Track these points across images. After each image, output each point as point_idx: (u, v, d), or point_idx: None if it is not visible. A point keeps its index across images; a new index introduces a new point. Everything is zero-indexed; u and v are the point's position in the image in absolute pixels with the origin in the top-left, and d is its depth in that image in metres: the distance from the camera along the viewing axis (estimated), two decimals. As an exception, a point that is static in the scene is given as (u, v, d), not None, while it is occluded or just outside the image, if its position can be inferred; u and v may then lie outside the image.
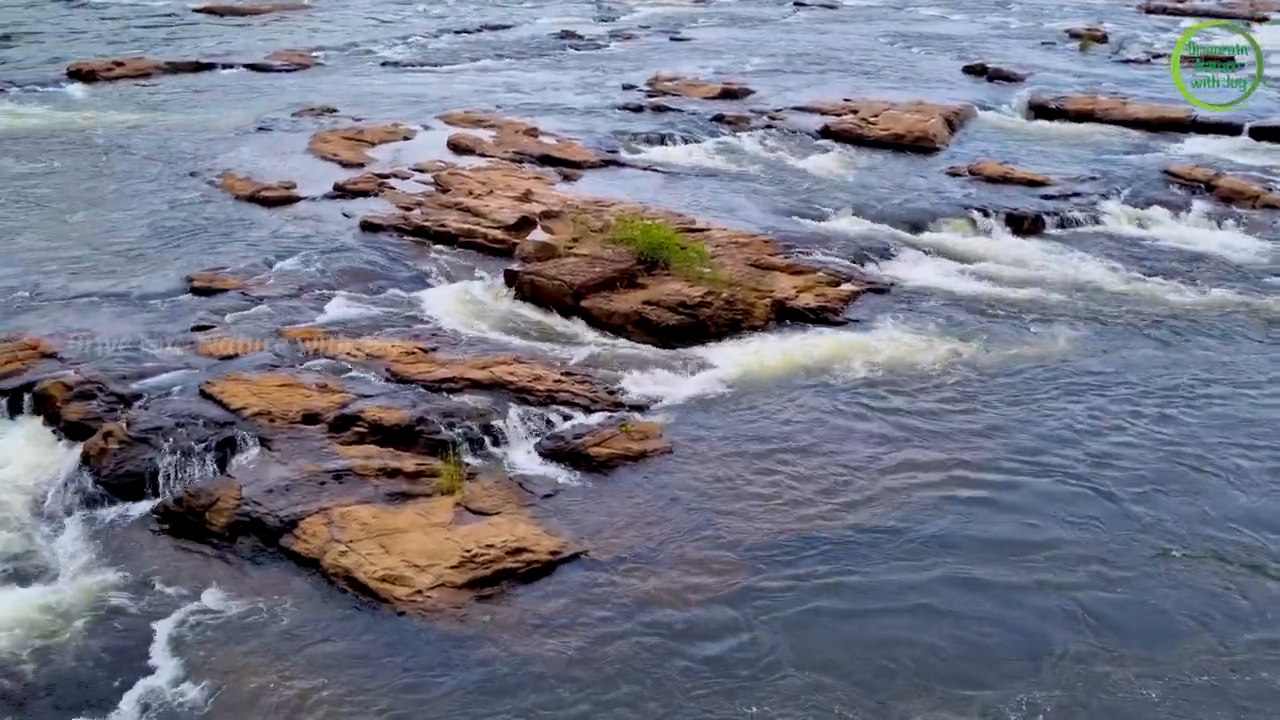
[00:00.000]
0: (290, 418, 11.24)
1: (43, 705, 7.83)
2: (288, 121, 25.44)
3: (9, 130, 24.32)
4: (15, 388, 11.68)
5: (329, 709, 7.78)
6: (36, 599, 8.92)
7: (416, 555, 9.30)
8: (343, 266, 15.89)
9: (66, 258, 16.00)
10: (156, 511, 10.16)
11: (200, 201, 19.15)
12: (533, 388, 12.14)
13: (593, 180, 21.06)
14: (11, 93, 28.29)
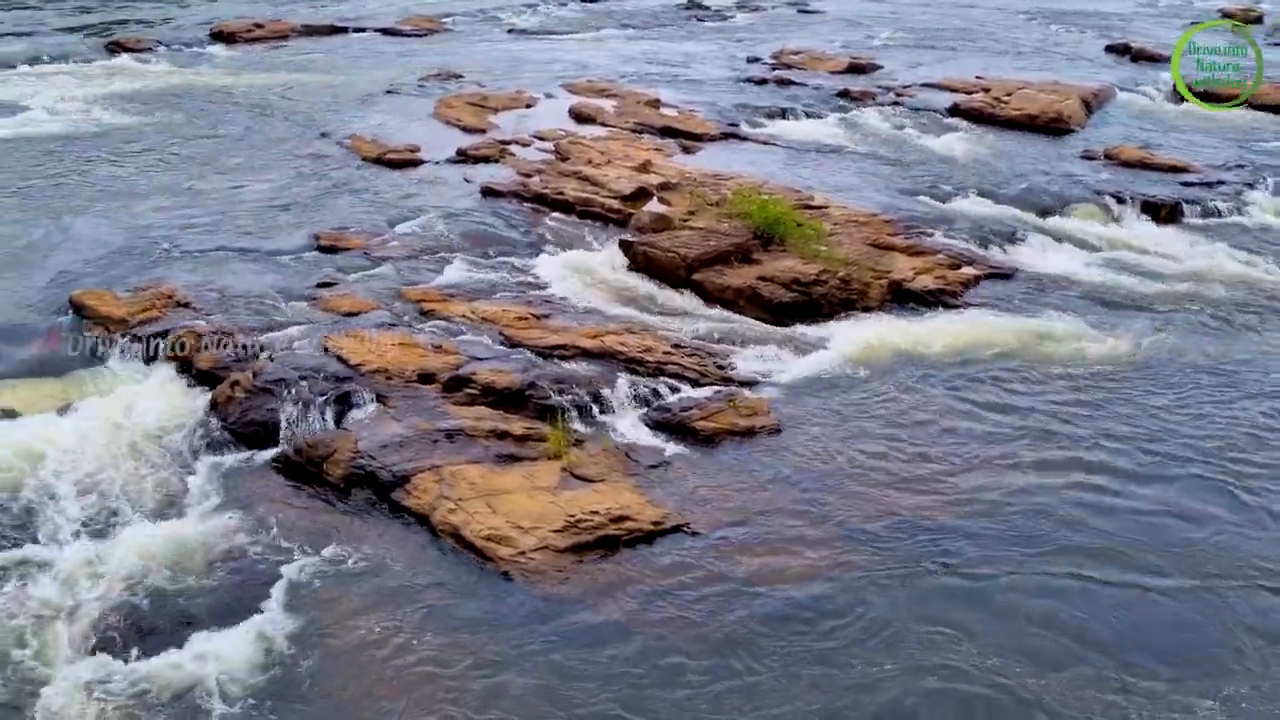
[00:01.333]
0: (406, 376, 11.53)
1: (167, 634, 8.23)
2: (415, 86, 25.95)
3: (155, 89, 25.43)
4: (152, 335, 12.24)
5: (430, 661, 7.98)
6: (167, 534, 9.38)
7: (521, 517, 9.46)
8: (462, 230, 16.16)
9: (204, 212, 16.67)
10: (277, 459, 10.57)
11: (329, 162, 19.71)
12: (642, 358, 12.18)
13: (712, 153, 20.95)
14: (159, 51, 29.58)
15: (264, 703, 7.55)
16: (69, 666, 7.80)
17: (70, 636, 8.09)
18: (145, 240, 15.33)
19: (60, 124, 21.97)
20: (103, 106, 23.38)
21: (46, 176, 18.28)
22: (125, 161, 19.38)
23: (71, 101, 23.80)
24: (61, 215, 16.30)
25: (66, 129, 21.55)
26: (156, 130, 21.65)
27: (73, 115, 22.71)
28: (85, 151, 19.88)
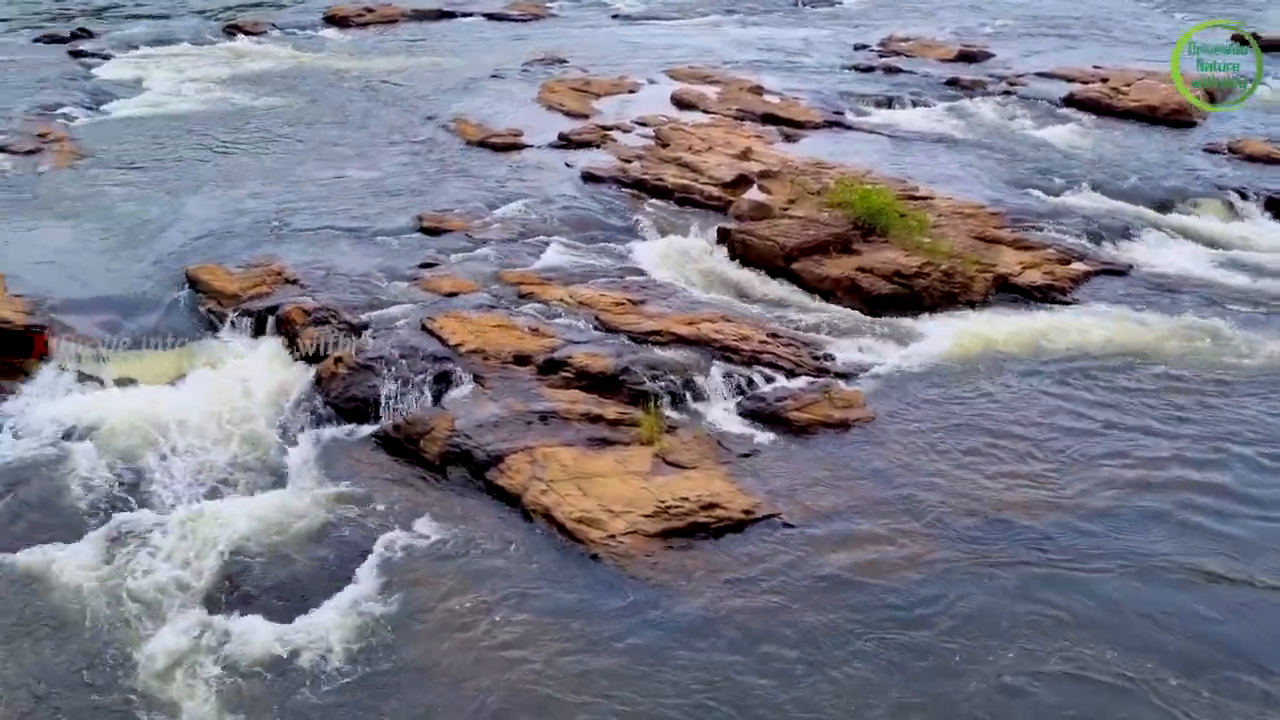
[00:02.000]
0: (502, 357, 11.65)
1: (266, 599, 8.50)
2: (519, 70, 26.18)
3: (270, 71, 26.17)
4: (261, 310, 12.61)
5: (518, 642, 8.07)
6: (269, 504, 9.67)
7: (612, 500, 9.49)
8: (561, 214, 16.26)
9: (312, 192, 17.09)
10: (376, 435, 10.80)
11: (434, 145, 20.02)
12: (737, 346, 12.09)
13: (815, 141, 20.66)
14: (274, 35, 30.43)
15: (355, 675, 7.72)
16: (173, 626, 8.10)
17: (174, 598, 8.40)
18: (257, 218, 15.78)
19: (179, 104, 22.79)
20: (219, 87, 24.16)
21: (165, 154, 18.96)
22: (239, 141, 20.00)
23: (190, 82, 24.66)
24: (179, 192, 16.90)
25: (184, 109, 22.34)
26: (269, 111, 22.29)
27: (190, 96, 23.53)
28: (201, 131, 20.58)
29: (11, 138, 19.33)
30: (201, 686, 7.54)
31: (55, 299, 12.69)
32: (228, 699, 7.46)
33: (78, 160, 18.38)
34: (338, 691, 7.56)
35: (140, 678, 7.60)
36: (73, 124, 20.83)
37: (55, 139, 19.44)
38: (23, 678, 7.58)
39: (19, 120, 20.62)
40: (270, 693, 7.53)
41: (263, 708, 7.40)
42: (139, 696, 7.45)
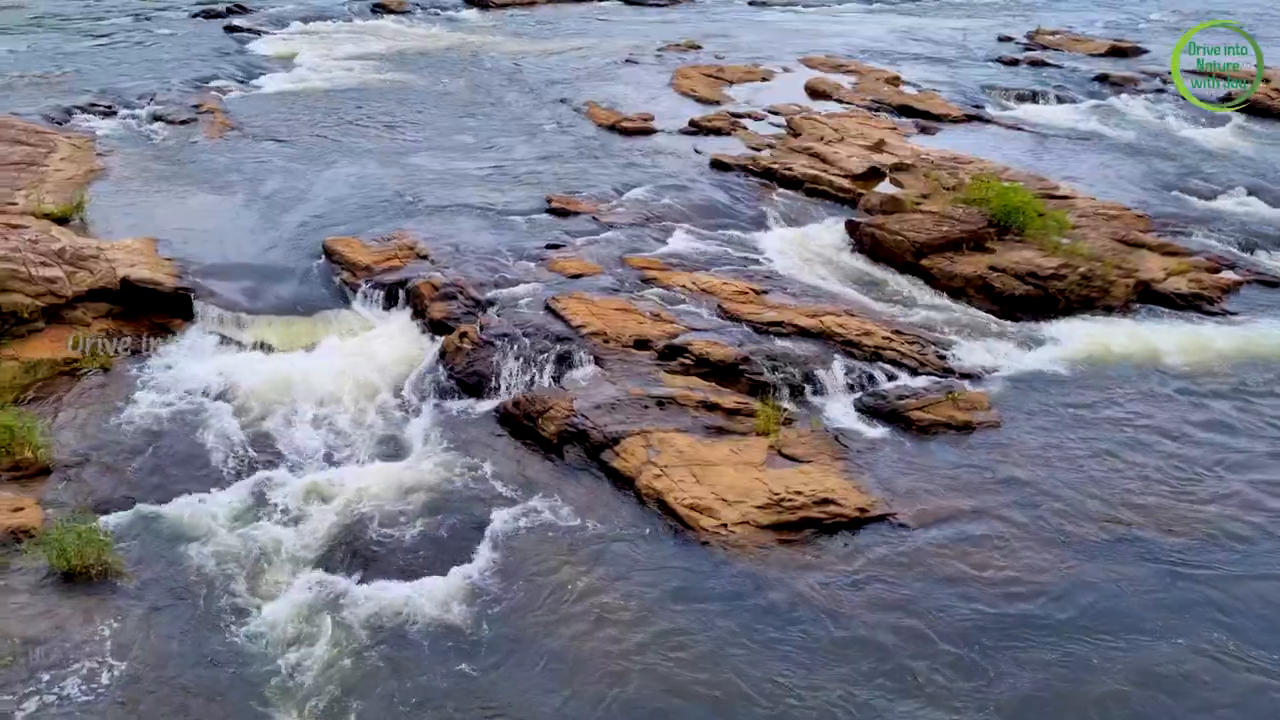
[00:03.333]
0: (623, 341, 11.72)
1: (384, 563, 8.75)
2: (653, 55, 26.24)
3: (411, 49, 26.84)
4: (392, 283, 12.96)
5: (625, 622, 8.12)
6: (391, 471, 9.96)
7: (726, 490, 9.45)
8: (688, 201, 16.24)
9: (446, 169, 17.48)
10: (496, 411, 11.00)
11: (565, 127, 20.23)
12: (860, 342, 11.89)
13: (952, 135, 20.14)
14: (417, 14, 31.17)
15: (465, 643, 7.89)
16: (294, 581, 8.42)
17: (298, 555, 8.73)
18: (392, 192, 16.22)
19: (324, 80, 23.56)
20: (363, 65, 24.90)
21: (309, 128, 19.64)
22: (379, 117, 20.57)
23: (336, 59, 25.49)
24: (320, 165, 17.49)
25: (330, 85, 23.08)
26: (409, 89, 22.86)
27: (336, 71, 24.31)
28: (344, 106, 21.24)
29: (169, 108, 20.30)
30: (319, 640, 7.82)
31: (201, 264, 13.30)
32: (341, 655, 7.71)
33: (228, 131, 19.19)
34: (446, 658, 7.74)
35: (264, 627, 7.93)
36: (225, 97, 21.75)
37: (209, 110, 20.35)
38: (160, 618, 7.99)
39: (176, 92, 21.63)
40: (382, 654, 7.76)
41: (373, 668, 7.63)
42: (262, 643, 7.77)
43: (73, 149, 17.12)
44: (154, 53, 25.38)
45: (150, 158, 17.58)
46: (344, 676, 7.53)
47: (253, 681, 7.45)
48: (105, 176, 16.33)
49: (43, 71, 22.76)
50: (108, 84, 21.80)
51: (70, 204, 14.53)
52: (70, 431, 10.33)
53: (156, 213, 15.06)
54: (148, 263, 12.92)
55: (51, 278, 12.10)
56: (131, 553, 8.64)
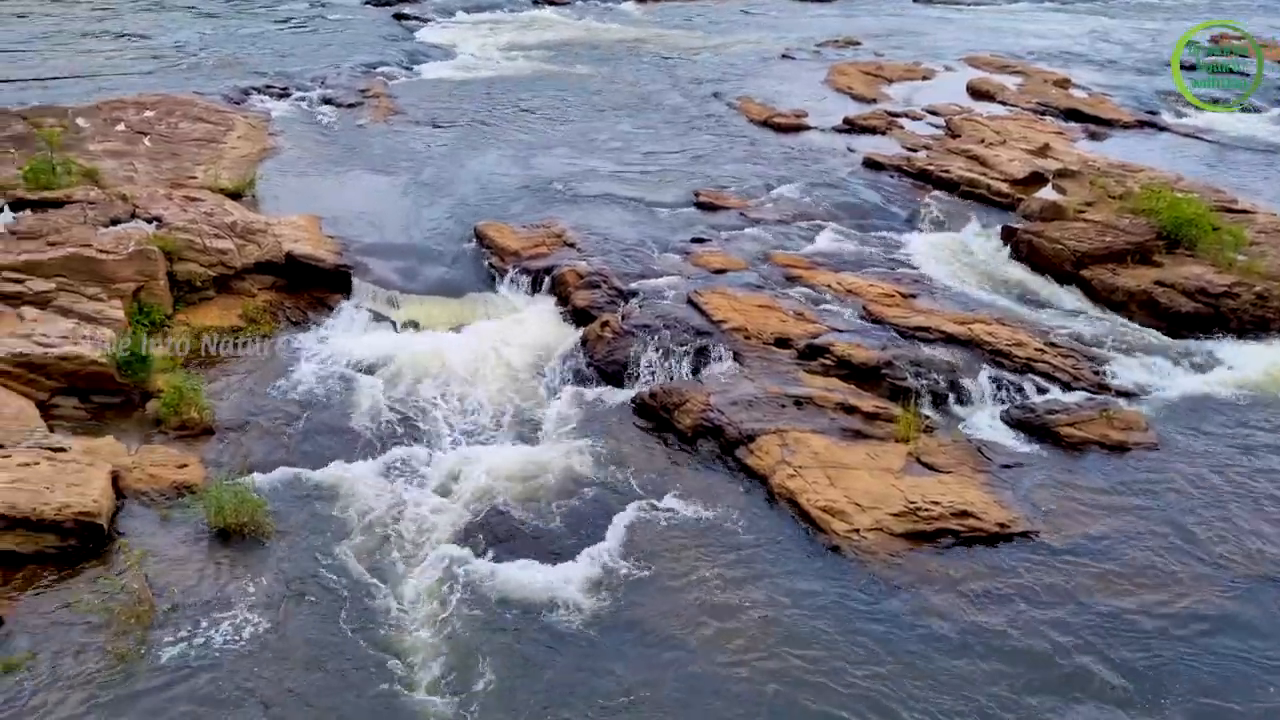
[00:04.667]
0: (764, 338, 11.62)
1: (517, 544, 8.92)
2: (810, 51, 25.92)
3: (570, 40, 27.24)
4: (539, 269, 13.18)
5: (752, 620, 8.06)
6: (527, 454, 10.15)
7: (860, 494, 9.27)
8: (838, 200, 15.98)
9: (597, 159, 17.67)
10: (633, 401, 11.06)
11: (717, 122, 20.18)
12: (1010, 352, 11.47)
13: (1123, 141, 19.23)
14: (576, 6, 31.61)
15: (590, 628, 7.97)
16: (430, 554, 8.66)
17: (436, 530, 8.98)
18: (544, 180, 16.50)
19: (486, 68, 24.15)
20: (523, 54, 25.40)
21: (468, 115, 20.15)
22: (535, 106, 20.95)
23: (497, 48, 26.10)
24: (476, 151, 17.93)
25: (490, 73, 23.64)
26: (566, 79, 23.20)
27: (497, 61, 24.89)
28: (502, 95, 21.71)
29: (338, 92, 21.15)
30: (448, 612, 8.03)
31: (360, 242, 13.81)
32: (467, 628, 7.89)
33: (392, 115, 19.87)
34: (568, 641, 7.83)
35: (398, 595, 8.19)
36: (391, 82, 22.53)
37: (375, 95, 21.11)
38: (304, 579, 8.35)
39: (345, 76, 22.52)
40: (506, 632, 7.91)
41: (498, 644, 7.78)
42: (395, 610, 8.03)
43: (248, 128, 18.02)
44: (327, 38, 26.48)
45: (318, 139, 18.35)
46: (468, 649, 7.70)
47: (382, 646, 7.71)
48: (276, 155, 17.13)
49: (225, 53, 24.04)
50: (283, 67, 22.86)
51: (243, 180, 15.30)
52: (233, 395, 10.90)
53: (321, 191, 15.71)
54: (311, 239, 13.50)
55: (223, 249, 12.77)
56: (281, 514, 9.05)
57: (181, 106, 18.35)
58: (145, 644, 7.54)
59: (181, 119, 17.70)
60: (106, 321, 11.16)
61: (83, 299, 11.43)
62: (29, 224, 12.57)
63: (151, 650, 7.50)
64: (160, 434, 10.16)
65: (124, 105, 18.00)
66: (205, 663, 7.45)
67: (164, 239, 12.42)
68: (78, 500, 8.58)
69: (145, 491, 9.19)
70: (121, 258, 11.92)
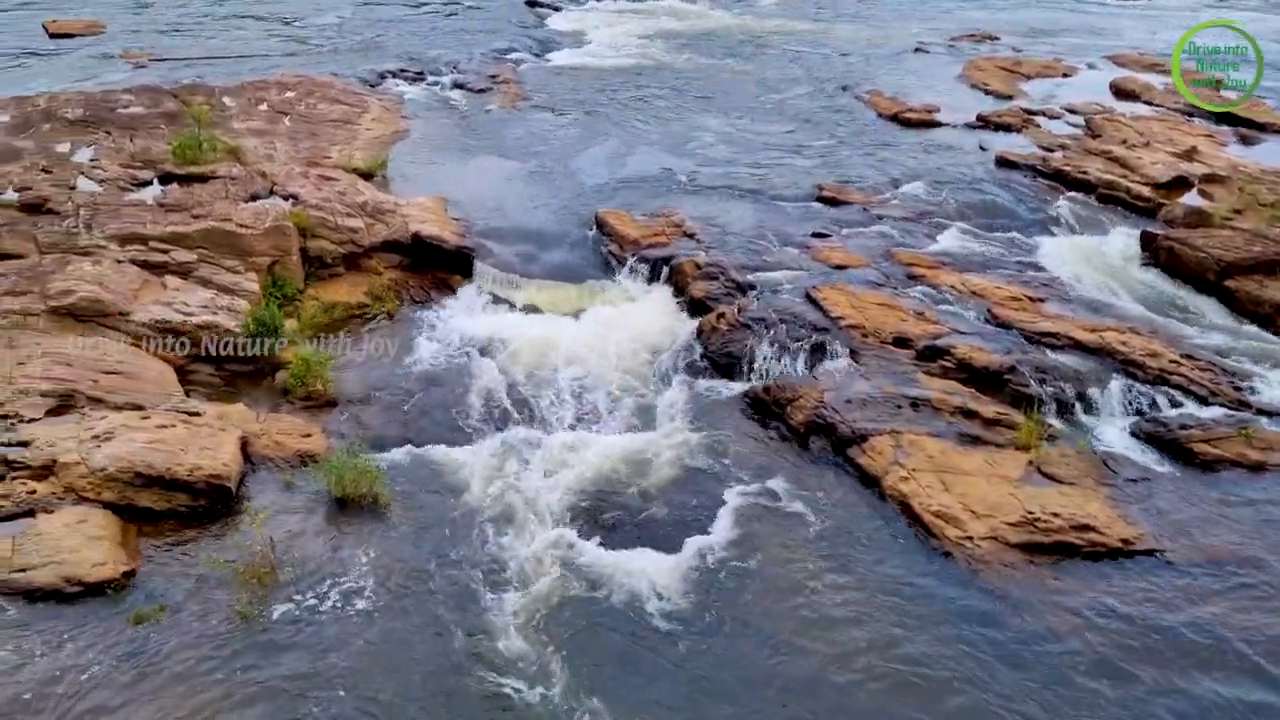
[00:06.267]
0: (882, 337, 11.40)
1: (623, 530, 8.98)
2: (945, 45, 25.28)
3: (697, 29, 27.17)
4: (657, 258, 13.20)
5: (853, 621, 7.93)
6: (638, 442, 10.19)
7: (975, 501, 9.02)
8: (966, 198, 15.55)
9: (720, 150, 17.60)
10: (745, 394, 10.99)
11: (845, 115, 19.87)
12: (1144, 363, 10.98)
13: (1277, 147, 18.16)
14: (708, -5, 31.49)
15: (685, 618, 7.95)
16: (537, 534, 8.78)
17: (544, 512, 9.10)
18: (665, 169, 16.51)
19: (613, 57, 24.28)
20: (651, 43, 25.45)
21: (594, 102, 20.30)
22: (661, 95, 20.97)
23: (627, 37, 26.20)
24: (600, 138, 18.06)
25: (618, 62, 23.76)
26: (693, 69, 23.16)
27: (625, 49, 24.99)
28: (629, 83, 21.80)
29: (468, 77, 21.56)
30: (551, 592, 8.12)
31: (483, 225, 14.07)
32: (569, 609, 7.98)
33: (520, 101, 20.16)
34: (666, 629, 7.84)
35: (505, 573, 8.33)
36: (520, 68, 22.87)
37: (504, 81, 21.46)
38: (415, 550, 8.58)
39: (477, 62, 22.94)
40: (608, 619, 7.96)
41: (599, 631, 7.84)
42: (500, 587, 8.17)
43: (382, 110, 18.52)
44: (461, 24, 27.02)
45: (447, 123, 18.75)
46: (568, 630, 7.79)
47: (486, 620, 7.85)
48: (407, 137, 17.56)
49: (364, 37, 24.76)
50: (418, 52, 23.43)
51: (375, 161, 15.75)
52: (356, 370, 11.24)
53: (448, 174, 16.05)
54: (437, 221, 13.80)
55: (354, 228, 13.17)
56: (397, 487, 9.31)
57: (321, 88, 18.98)
58: (265, 604, 7.85)
59: (320, 100, 18.31)
60: (242, 293, 11.64)
61: (221, 270, 11.94)
62: (175, 197, 13.18)
63: (270, 611, 7.80)
64: (287, 403, 10.56)
65: (267, 86, 18.72)
66: (318, 627, 7.71)
67: (299, 216, 12.87)
68: (209, 463, 8.98)
69: (271, 458, 9.56)
70: (259, 232, 12.40)
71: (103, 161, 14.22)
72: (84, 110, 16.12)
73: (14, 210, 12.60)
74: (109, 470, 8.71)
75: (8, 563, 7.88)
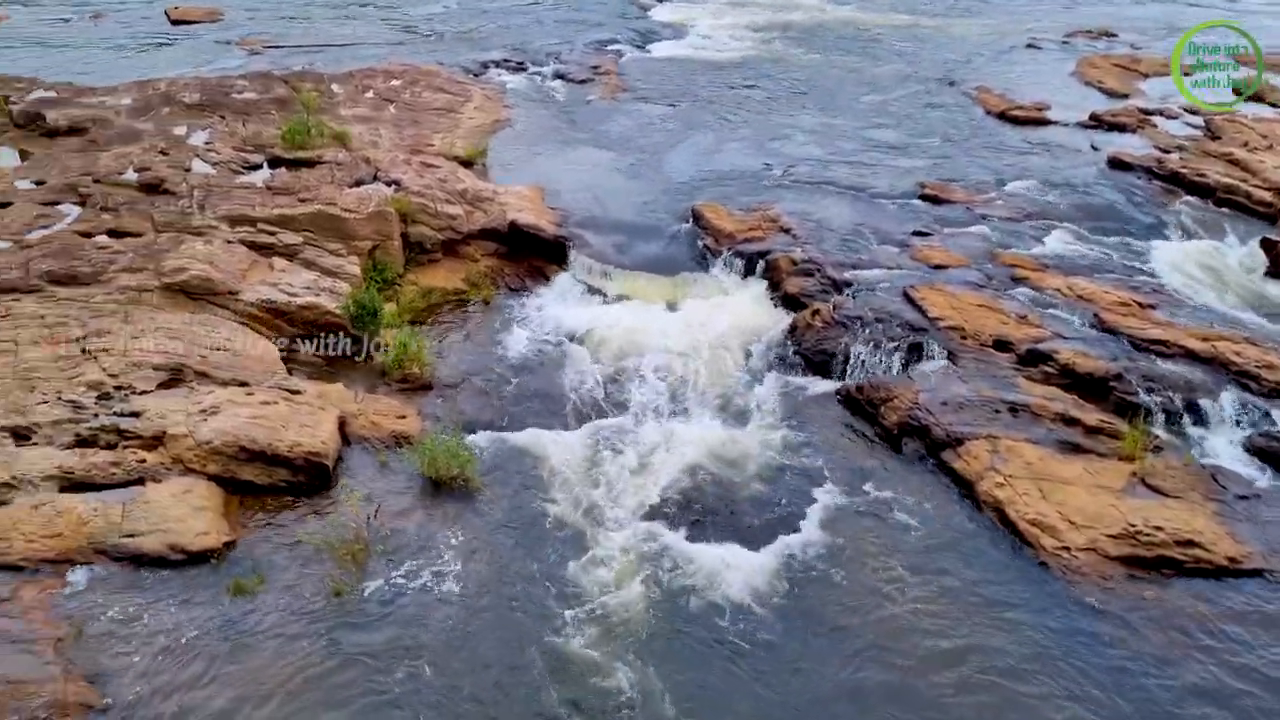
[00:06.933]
0: (981, 339, 11.14)
1: (709, 525, 8.95)
2: (1058, 41, 24.55)
3: (802, 22, 26.85)
4: (752, 253, 13.10)
5: (941, 629, 7.78)
6: (727, 436, 10.15)
7: (1074, 511, 8.76)
8: (1075, 200, 15.08)
9: (819, 145, 17.37)
10: (838, 393, 10.85)
11: (950, 111, 19.43)
12: (1259, 374, 10.52)
13: None
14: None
15: (768, 617, 7.90)
16: (624, 525, 8.81)
17: (632, 503, 9.12)
18: (763, 163, 16.37)
19: (715, 49, 24.15)
20: (753, 36, 25.25)
21: (693, 95, 20.22)
22: (761, 88, 20.79)
23: (728, 29, 26.04)
24: (698, 130, 17.98)
25: (719, 54, 23.62)
26: (794, 62, 22.90)
27: (726, 42, 24.84)
28: (729, 76, 21.66)
29: (570, 68, 21.68)
30: (634, 584, 8.14)
31: (579, 215, 14.14)
32: (651, 602, 7.98)
33: (620, 93, 20.20)
34: (748, 628, 7.79)
35: (590, 561, 8.38)
36: (621, 59, 22.90)
37: (605, 72, 21.52)
38: (504, 534, 8.69)
39: (579, 52, 23.06)
40: (691, 612, 7.94)
41: (681, 625, 7.83)
42: (584, 575, 8.22)
43: (484, 99, 18.76)
44: (565, 14, 27.19)
45: (548, 113, 18.89)
46: (649, 623, 7.80)
47: (569, 606, 7.91)
48: (508, 127, 17.74)
49: (469, 27, 25.09)
50: (521, 42, 23.65)
51: (476, 149, 15.95)
52: (451, 354, 11.42)
53: (546, 164, 16.17)
54: (534, 210, 13.93)
55: (453, 215, 13.37)
56: (488, 471, 9.43)
57: (425, 77, 19.31)
58: (357, 580, 8.04)
59: (425, 89, 18.62)
60: (345, 276, 11.91)
61: (325, 253, 12.23)
62: (283, 180, 13.55)
63: (362, 587, 7.99)
64: (384, 385, 10.77)
65: (374, 74, 19.11)
66: (406, 605, 7.87)
67: (401, 202, 13.12)
68: (309, 440, 9.22)
69: (367, 438, 9.78)
70: (362, 217, 12.67)
71: (216, 144, 14.70)
72: (201, 95, 16.69)
73: (133, 190, 13.12)
74: (214, 443, 9.01)
75: (118, 528, 8.22)
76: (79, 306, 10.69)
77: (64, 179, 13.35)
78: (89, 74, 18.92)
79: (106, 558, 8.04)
